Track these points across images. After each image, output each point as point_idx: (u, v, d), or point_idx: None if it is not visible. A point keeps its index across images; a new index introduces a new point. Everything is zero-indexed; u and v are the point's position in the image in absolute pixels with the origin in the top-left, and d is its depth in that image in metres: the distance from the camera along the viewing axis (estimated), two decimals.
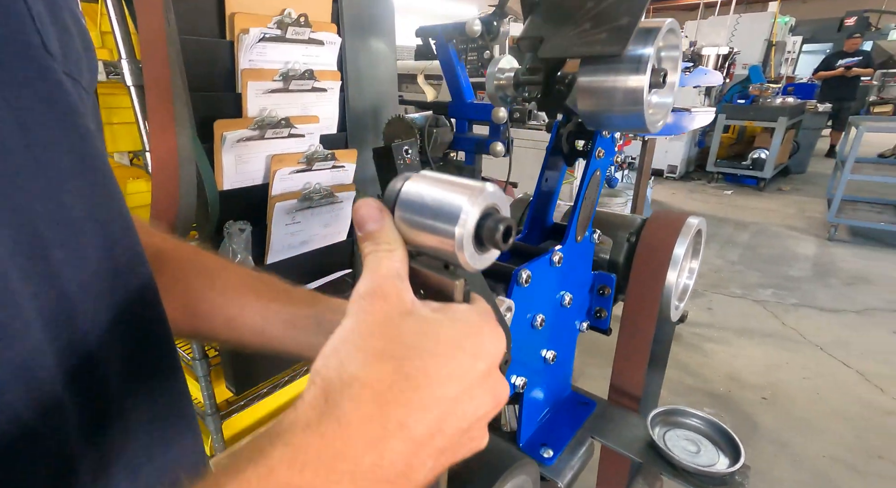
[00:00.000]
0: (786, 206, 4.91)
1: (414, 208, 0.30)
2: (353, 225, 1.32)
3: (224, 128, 0.96)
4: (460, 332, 0.27)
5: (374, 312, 0.26)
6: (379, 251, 0.29)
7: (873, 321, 2.83)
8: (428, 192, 0.30)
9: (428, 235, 0.29)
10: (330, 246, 1.28)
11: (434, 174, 0.32)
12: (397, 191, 0.31)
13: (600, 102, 0.48)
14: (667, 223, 0.81)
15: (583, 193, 0.68)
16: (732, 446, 0.66)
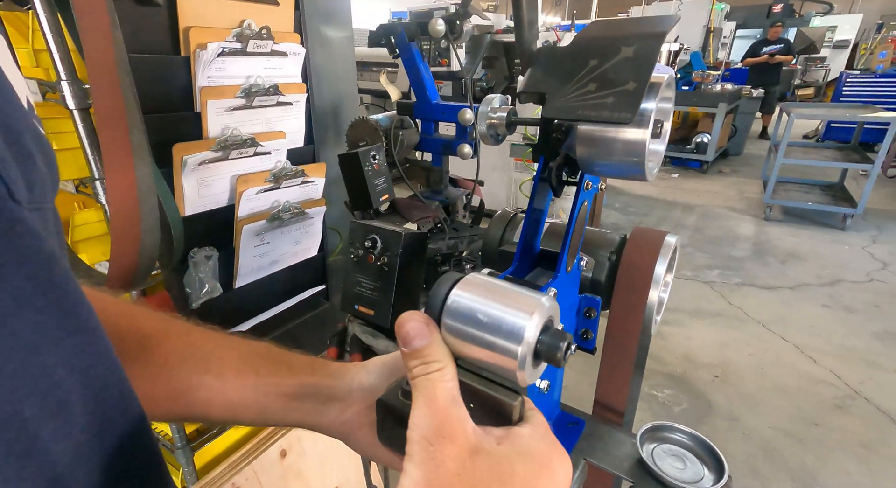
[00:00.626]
0: (726, 188, 5.22)
1: (466, 321, 0.28)
2: (324, 239, 1.28)
3: (184, 152, 0.89)
4: (533, 471, 0.26)
5: (445, 460, 0.25)
6: (430, 373, 0.28)
7: (805, 296, 3.09)
8: (481, 305, 0.28)
9: (482, 351, 0.28)
10: (301, 263, 1.24)
11: (481, 279, 0.30)
12: (443, 300, 0.30)
13: (600, 152, 0.48)
14: (646, 242, 0.83)
15: (573, 226, 0.68)
16: (715, 459, 0.70)
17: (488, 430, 0.28)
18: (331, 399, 0.45)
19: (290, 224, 1.12)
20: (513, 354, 0.27)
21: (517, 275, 0.75)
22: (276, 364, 0.46)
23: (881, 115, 3.74)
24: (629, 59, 0.42)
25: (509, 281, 0.30)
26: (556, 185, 0.71)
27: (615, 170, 0.48)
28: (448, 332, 0.29)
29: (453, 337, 0.29)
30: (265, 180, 1.04)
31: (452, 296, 0.29)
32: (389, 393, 0.46)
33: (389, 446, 0.47)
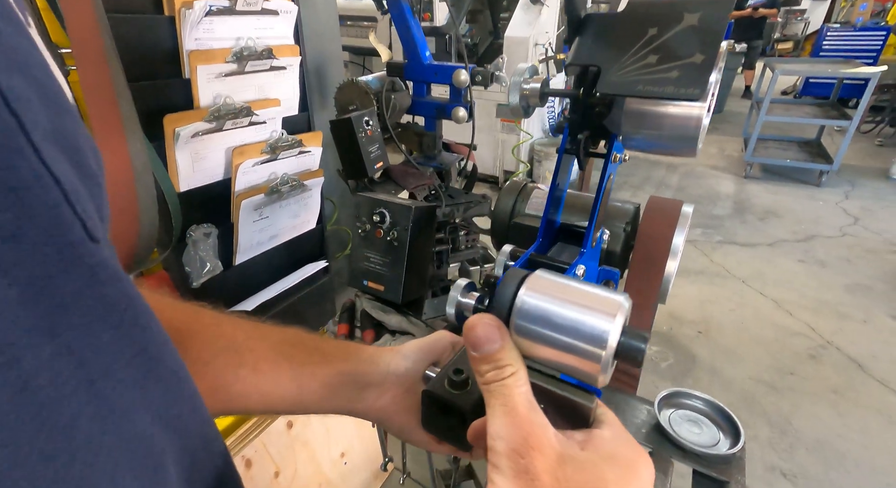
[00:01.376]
0: (708, 146, 5.26)
1: (540, 323, 0.27)
2: (322, 210, 1.23)
3: (175, 124, 0.82)
4: (621, 475, 0.26)
5: (539, 474, 0.24)
6: (504, 378, 0.26)
7: (782, 251, 3.21)
8: (556, 306, 0.27)
9: (559, 354, 0.27)
10: (300, 236, 1.20)
11: (550, 277, 0.29)
12: (511, 300, 0.28)
13: (651, 128, 0.45)
14: (662, 213, 0.83)
15: (600, 199, 0.67)
16: (731, 423, 0.73)
17: (568, 434, 0.27)
18: (367, 385, 0.45)
19: (289, 197, 1.07)
20: (595, 358, 0.26)
21: (540, 252, 0.74)
22: (309, 352, 0.45)
23: (862, 71, 3.76)
24: (694, 27, 0.39)
25: (572, 278, 0.28)
26: (583, 158, 0.68)
27: (664, 146, 0.46)
28: (519, 334, 0.28)
29: (525, 339, 0.28)
30: (261, 152, 0.98)
31: (522, 296, 0.28)
32: (436, 383, 0.45)
33: (437, 435, 0.47)
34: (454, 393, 0.45)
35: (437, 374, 0.48)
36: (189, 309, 0.44)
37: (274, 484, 1.33)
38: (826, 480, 1.73)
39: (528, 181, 1.00)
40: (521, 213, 0.94)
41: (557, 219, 0.79)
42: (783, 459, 1.80)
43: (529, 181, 1.01)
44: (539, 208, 0.93)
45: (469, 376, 0.45)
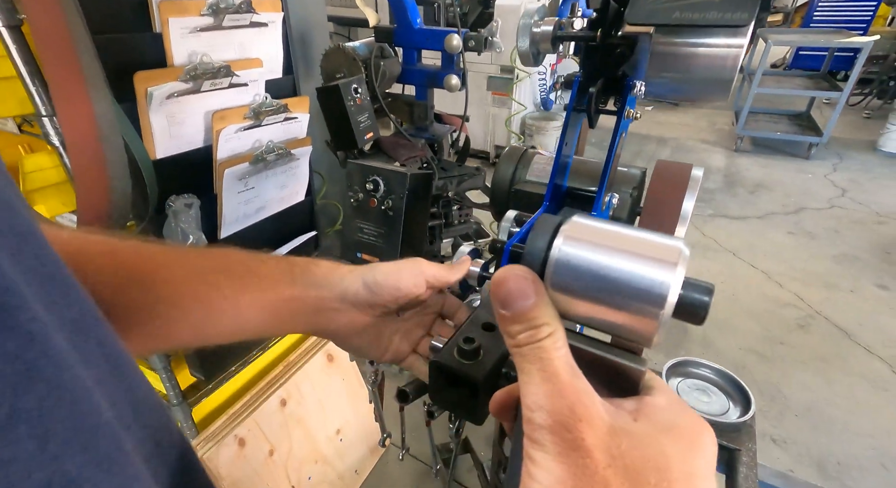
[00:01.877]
0: (698, 120, 5.23)
1: (584, 276, 0.23)
2: (311, 183, 1.18)
3: (147, 82, 0.75)
4: (685, 450, 0.22)
5: (592, 450, 0.20)
6: (540, 339, 0.22)
7: (772, 224, 3.22)
8: (602, 256, 0.23)
9: (607, 311, 0.23)
10: (288, 209, 1.14)
11: (592, 222, 0.24)
12: (545, 250, 0.24)
13: (681, 71, 0.41)
14: (671, 176, 0.79)
15: (611, 160, 0.62)
16: (740, 392, 0.71)
17: (616, 403, 0.24)
18: (319, 311, 0.42)
19: (276, 166, 1.01)
20: (652, 314, 0.22)
21: None
22: (241, 278, 0.39)
23: (855, 41, 3.73)
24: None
25: (616, 223, 0.24)
26: (593, 114, 0.64)
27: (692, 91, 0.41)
28: (557, 290, 0.24)
29: (564, 294, 0.23)
30: (244, 117, 0.92)
31: (560, 245, 0.23)
32: (444, 353, 0.42)
33: (446, 407, 0.43)
34: (465, 364, 0.41)
35: (444, 344, 0.44)
36: (139, 247, 0.38)
37: (268, 463, 1.30)
38: (815, 444, 1.77)
39: (528, 146, 0.95)
40: (523, 180, 0.90)
41: (564, 183, 0.74)
42: (773, 426, 1.84)
43: (530, 147, 0.96)
44: (541, 174, 0.89)
45: (481, 345, 0.41)
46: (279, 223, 1.12)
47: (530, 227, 0.62)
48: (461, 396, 0.42)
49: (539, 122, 3.57)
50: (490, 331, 0.45)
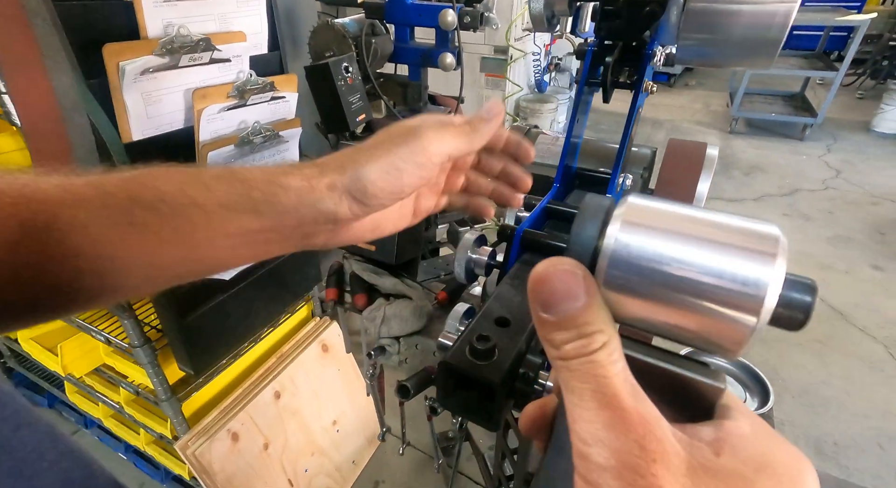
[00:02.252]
0: (693, 102, 5.18)
1: (648, 274, 0.18)
2: None
3: (119, 56, 0.69)
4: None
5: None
6: (593, 351, 0.18)
7: (767, 206, 3.21)
8: (673, 247, 0.18)
9: (680, 315, 0.18)
10: None
11: (657, 204, 0.20)
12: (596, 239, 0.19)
13: (723, 30, 0.36)
14: (685, 156, 0.75)
15: (627, 139, 0.58)
16: (758, 383, 0.68)
17: (689, 431, 0.19)
18: (304, 236, 0.34)
19: (263, 149, 0.95)
20: (744, 322, 0.17)
21: (557, 199, 0.66)
22: (181, 214, 0.30)
23: (852, 18, 3.68)
24: None
25: (684, 204, 0.20)
26: (609, 88, 0.59)
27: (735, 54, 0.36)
28: (613, 288, 0.19)
29: (623, 295, 0.19)
30: (227, 95, 0.85)
31: (618, 233, 0.19)
32: (455, 353, 0.37)
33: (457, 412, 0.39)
34: (479, 365, 0.37)
35: (453, 342, 0.40)
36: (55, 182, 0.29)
37: (263, 457, 1.27)
38: (812, 425, 1.78)
39: (531, 126, 0.90)
40: None
41: (574, 164, 0.70)
42: None
43: (533, 126, 0.91)
44: (546, 154, 0.84)
45: (497, 343, 0.37)
46: None
47: (541, 211, 0.58)
48: (474, 400, 0.38)
49: (533, 104, 3.50)
50: (504, 327, 0.40)
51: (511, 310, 0.42)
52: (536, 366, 0.38)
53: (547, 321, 0.19)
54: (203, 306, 0.99)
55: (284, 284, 1.21)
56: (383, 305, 0.83)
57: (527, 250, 0.51)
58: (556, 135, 0.86)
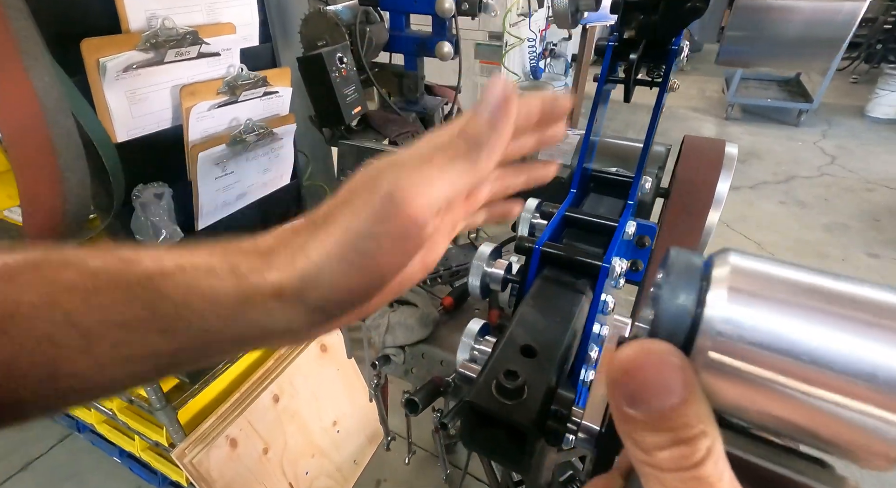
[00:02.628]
0: (688, 87, 5.13)
1: (772, 362, 0.14)
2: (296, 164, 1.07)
3: (99, 52, 0.63)
4: None
5: None
6: (696, 464, 0.14)
7: (764, 194, 3.20)
8: (807, 326, 0.14)
9: (811, 416, 0.15)
10: (272, 194, 1.04)
11: (767, 265, 0.16)
12: (692, 312, 0.16)
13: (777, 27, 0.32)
14: (703, 155, 0.71)
15: (651, 138, 0.54)
16: None
17: None
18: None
19: (257, 148, 0.90)
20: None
21: (573, 205, 0.62)
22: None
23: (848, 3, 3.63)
24: None
25: (794, 264, 0.16)
26: (632, 86, 0.55)
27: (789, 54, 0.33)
28: (718, 375, 0.15)
29: (732, 384, 0.15)
30: (217, 92, 0.80)
31: (726, 302, 0.15)
32: (481, 390, 0.34)
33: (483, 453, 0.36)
34: (507, 406, 0.33)
35: (477, 374, 0.36)
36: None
37: (263, 461, 1.24)
38: None
39: None
40: (533, 159, 0.81)
41: (591, 165, 0.66)
42: None
43: None
44: (554, 152, 0.80)
45: (526, 381, 0.34)
46: (263, 210, 1.02)
47: (559, 221, 0.55)
48: (502, 439, 0.35)
49: (529, 91, 3.44)
50: (530, 357, 0.37)
51: (536, 337, 0.39)
52: (569, 401, 0.35)
53: (632, 418, 0.15)
54: None
55: None
56: (387, 313, 0.79)
57: (546, 265, 0.48)
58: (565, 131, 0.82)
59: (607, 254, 0.45)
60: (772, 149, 3.77)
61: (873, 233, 2.77)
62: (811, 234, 2.78)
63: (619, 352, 0.15)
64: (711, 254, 0.17)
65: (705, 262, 0.17)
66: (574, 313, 0.42)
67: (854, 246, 2.67)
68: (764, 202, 3.10)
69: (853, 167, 3.49)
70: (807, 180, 3.35)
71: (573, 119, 2.48)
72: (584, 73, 2.24)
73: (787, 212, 3.00)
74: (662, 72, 0.54)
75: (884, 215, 2.93)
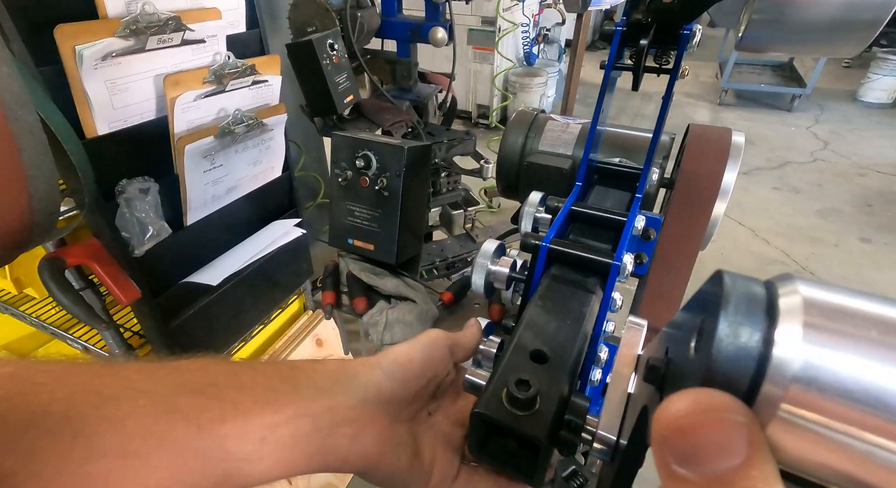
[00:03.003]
0: None
1: (861, 415, 0.12)
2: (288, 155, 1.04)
3: (74, 39, 0.60)
4: None
5: None
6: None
7: (757, 180, 3.20)
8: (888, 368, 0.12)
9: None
10: (263, 187, 1.00)
11: (843, 296, 0.14)
12: (759, 353, 0.14)
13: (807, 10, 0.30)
14: (709, 144, 0.69)
15: (661, 129, 0.52)
16: None
17: None
18: (336, 426, 0.29)
19: (246, 139, 0.87)
20: None
21: (580, 198, 0.60)
22: (223, 396, 0.26)
23: None
24: None
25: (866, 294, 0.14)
26: (640, 73, 0.52)
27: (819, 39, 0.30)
28: (790, 429, 0.13)
29: (806, 440, 0.13)
30: (203, 81, 0.76)
31: (801, 342, 0.13)
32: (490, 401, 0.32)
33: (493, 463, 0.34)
34: (519, 417, 0.31)
35: (486, 382, 0.35)
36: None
37: None
38: None
39: (538, 111, 0.84)
40: (535, 151, 0.79)
41: (595, 158, 0.64)
42: None
43: (540, 111, 0.84)
44: (556, 143, 0.78)
45: (540, 391, 0.32)
46: (254, 203, 0.99)
47: (565, 217, 0.52)
48: (513, 450, 0.33)
49: (522, 78, 3.39)
50: (541, 362, 0.35)
51: (547, 342, 0.37)
52: (583, 410, 0.33)
53: (685, 478, 0.13)
54: (189, 309, 0.93)
55: (275, 280, 1.14)
56: (385, 309, 0.77)
57: (554, 262, 0.46)
58: (566, 120, 0.80)
59: (618, 252, 0.43)
60: (765, 134, 3.77)
61: (866, 218, 2.79)
62: (804, 220, 2.79)
63: (669, 406, 0.13)
64: (770, 281, 0.15)
65: (770, 290, 0.15)
66: (585, 314, 0.40)
67: (847, 231, 2.69)
68: (758, 188, 3.10)
69: (845, 152, 3.49)
70: (800, 166, 3.36)
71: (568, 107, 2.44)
72: (579, 58, 2.20)
73: (781, 197, 3.01)
74: (671, 57, 0.51)
75: (876, 200, 2.95)
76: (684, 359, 0.17)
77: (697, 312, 0.17)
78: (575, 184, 0.57)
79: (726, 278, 0.15)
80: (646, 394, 0.23)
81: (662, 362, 0.21)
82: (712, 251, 2.51)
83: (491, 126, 3.56)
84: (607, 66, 0.52)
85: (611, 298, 0.44)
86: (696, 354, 0.16)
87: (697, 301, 0.19)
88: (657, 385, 0.22)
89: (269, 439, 0.26)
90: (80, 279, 0.83)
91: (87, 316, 0.81)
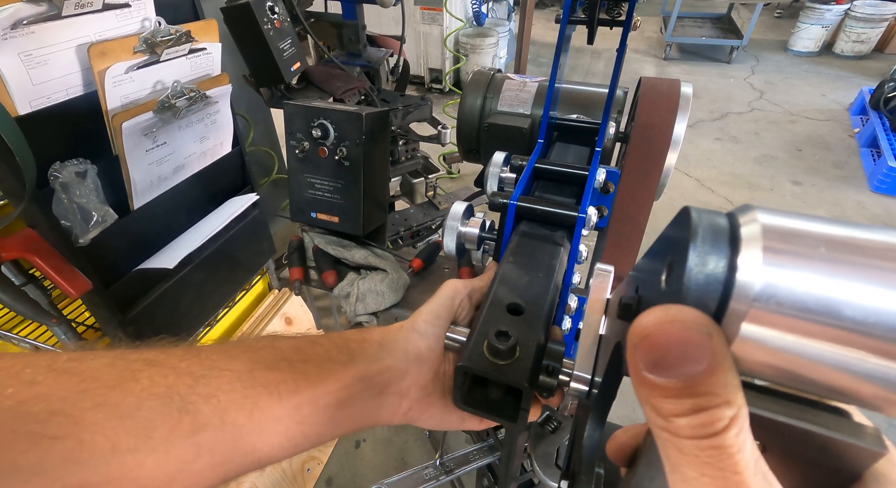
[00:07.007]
0: None
1: (816, 327, 0.14)
2: (236, 129, 0.99)
3: None
4: None
5: None
6: (717, 433, 0.13)
7: (701, 132, 3.34)
8: (851, 285, 0.14)
9: (852, 379, 0.14)
10: (214, 165, 0.95)
11: (800, 221, 0.15)
12: (724, 275, 0.15)
13: None
14: (660, 97, 0.71)
15: (616, 82, 0.53)
16: None
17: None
18: (385, 386, 0.34)
19: (190, 114, 0.81)
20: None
21: (542, 156, 0.61)
22: (295, 369, 0.31)
23: None
24: None
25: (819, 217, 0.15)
26: (595, 27, 0.53)
27: None
28: (751, 343, 0.14)
29: (766, 350, 0.14)
30: (134, 50, 0.70)
31: (762, 265, 0.14)
32: (473, 354, 0.33)
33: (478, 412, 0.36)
34: (501, 366, 0.33)
35: (465, 338, 0.36)
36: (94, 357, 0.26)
37: None
38: None
39: (495, 71, 0.83)
40: (494, 111, 0.78)
41: (555, 115, 0.64)
42: None
43: (497, 70, 0.83)
44: (514, 102, 0.78)
45: (518, 341, 0.33)
46: (206, 182, 0.94)
47: (530, 175, 0.53)
48: (496, 397, 0.35)
49: (473, 39, 3.32)
50: (517, 314, 0.36)
51: (522, 294, 0.38)
52: (559, 355, 0.35)
53: (653, 384, 0.14)
54: (146, 298, 0.89)
55: (236, 261, 1.11)
56: (356, 280, 0.77)
57: (522, 219, 0.47)
58: (522, 79, 0.79)
59: (582, 204, 0.45)
60: (707, 87, 3.90)
61: (796, 162, 2.99)
62: (743, 167, 2.95)
63: (641, 318, 0.15)
64: (732, 212, 0.16)
65: (732, 221, 0.16)
66: (555, 267, 0.42)
67: (780, 175, 2.87)
68: (702, 140, 3.24)
69: (778, 101, 3.68)
70: (739, 116, 3.52)
71: (521, 67, 2.43)
72: (528, 16, 2.17)
73: (723, 148, 3.15)
74: (623, 10, 0.52)
75: (804, 145, 3.15)
76: (656, 293, 0.17)
77: (664, 252, 0.18)
78: (536, 142, 0.58)
79: (693, 213, 0.16)
80: (618, 331, 0.24)
81: (634, 299, 0.22)
82: (662, 203, 2.62)
83: (445, 90, 3.50)
84: (562, 19, 0.52)
85: (577, 250, 0.46)
86: (666, 287, 0.17)
87: (663, 241, 0.20)
88: (630, 320, 0.23)
89: (333, 402, 0.31)
90: (19, 274, 0.78)
91: (34, 312, 0.76)
